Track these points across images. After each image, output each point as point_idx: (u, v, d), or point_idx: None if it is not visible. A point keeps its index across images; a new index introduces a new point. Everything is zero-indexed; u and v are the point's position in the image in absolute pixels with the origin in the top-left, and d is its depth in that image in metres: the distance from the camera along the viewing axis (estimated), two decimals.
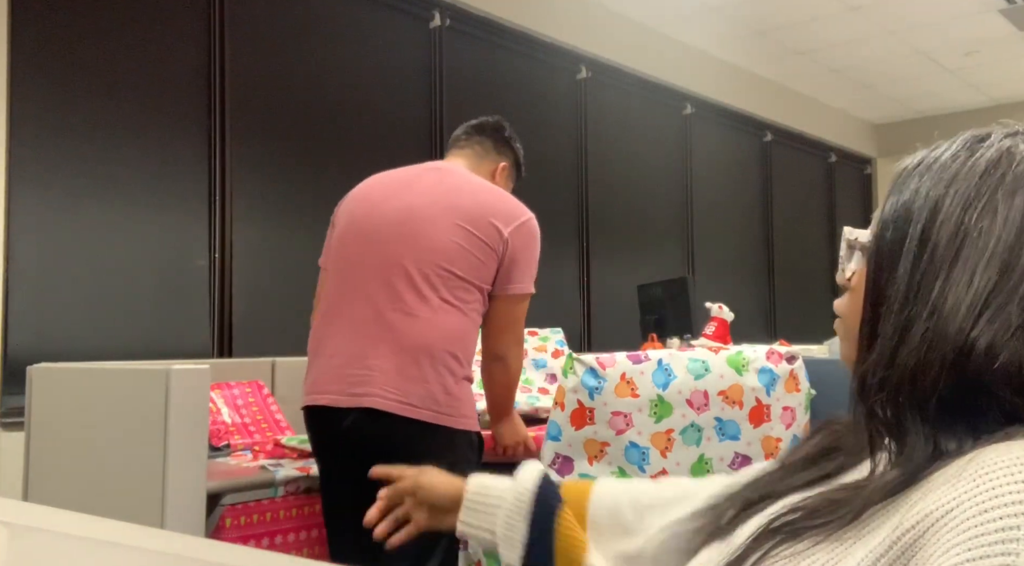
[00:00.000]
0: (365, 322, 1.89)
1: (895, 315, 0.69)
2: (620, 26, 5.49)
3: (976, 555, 0.55)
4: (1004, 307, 0.65)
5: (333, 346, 1.92)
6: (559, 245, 5.06)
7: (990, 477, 0.58)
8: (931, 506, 0.60)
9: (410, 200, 1.96)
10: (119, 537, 0.41)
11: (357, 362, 1.87)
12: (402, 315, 1.87)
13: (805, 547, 0.67)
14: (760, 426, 1.31)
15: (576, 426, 1.25)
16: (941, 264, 0.68)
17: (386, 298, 1.88)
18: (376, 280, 1.90)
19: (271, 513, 2.08)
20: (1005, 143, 0.71)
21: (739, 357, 1.31)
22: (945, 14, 5.54)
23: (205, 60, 3.58)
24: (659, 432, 1.26)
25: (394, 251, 1.90)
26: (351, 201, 2.07)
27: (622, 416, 1.24)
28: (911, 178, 0.73)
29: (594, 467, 1.26)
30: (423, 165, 2.12)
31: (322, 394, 1.92)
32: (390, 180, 2.06)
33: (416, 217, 1.92)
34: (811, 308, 7.02)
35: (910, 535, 0.60)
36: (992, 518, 0.56)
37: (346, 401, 1.87)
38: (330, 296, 1.99)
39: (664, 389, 1.26)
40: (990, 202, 0.68)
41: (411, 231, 1.91)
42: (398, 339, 1.86)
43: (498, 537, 1.04)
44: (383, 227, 1.94)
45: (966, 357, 0.65)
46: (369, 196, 2.03)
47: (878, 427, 0.70)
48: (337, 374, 1.90)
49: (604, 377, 1.23)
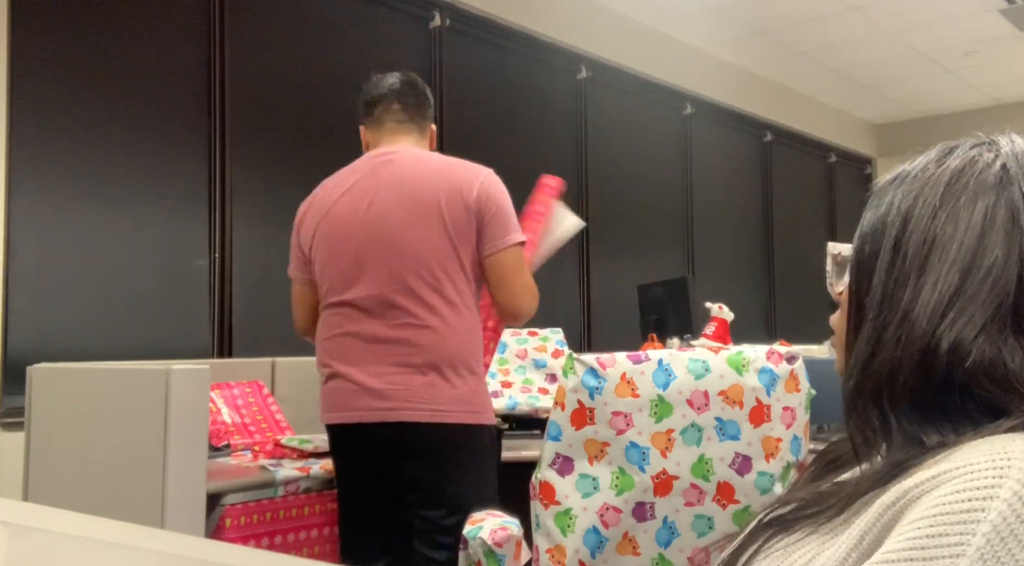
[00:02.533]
0: (381, 341, 1.93)
1: (871, 323, 0.73)
2: (620, 26, 5.49)
3: (936, 532, 0.57)
4: (967, 308, 0.68)
5: (352, 367, 1.96)
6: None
7: (970, 466, 0.60)
8: (911, 484, 0.63)
9: (382, 207, 1.95)
10: (119, 537, 0.41)
11: (381, 379, 1.92)
12: (416, 330, 1.92)
13: (797, 538, 0.70)
14: (760, 426, 1.32)
15: (576, 426, 1.25)
16: (911, 271, 0.72)
17: (396, 314, 1.92)
18: (380, 300, 1.93)
19: (271, 513, 2.08)
20: (970, 153, 0.75)
21: (739, 357, 1.32)
22: (945, 14, 5.54)
23: (205, 60, 3.58)
24: (659, 432, 1.26)
25: (393, 269, 1.93)
26: (318, 214, 2.04)
27: (622, 416, 1.25)
28: (887, 192, 0.77)
29: (594, 467, 1.26)
30: (374, 160, 2.05)
31: (350, 411, 1.96)
32: (352, 188, 2.02)
33: (399, 226, 1.94)
34: (811, 308, 7.02)
35: (891, 512, 0.63)
36: (961, 499, 0.58)
37: (375, 416, 1.92)
38: (334, 316, 2.00)
39: (664, 389, 1.26)
40: (954, 209, 0.71)
41: (401, 244, 1.93)
42: (420, 353, 1.91)
43: None
44: (370, 244, 1.95)
45: (932, 356, 0.68)
46: (338, 211, 2.00)
47: (864, 429, 0.73)
48: (362, 391, 1.94)
49: (604, 377, 1.24)
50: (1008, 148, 0.74)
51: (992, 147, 0.75)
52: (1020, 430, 0.64)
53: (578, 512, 1.25)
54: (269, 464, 2.24)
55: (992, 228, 0.70)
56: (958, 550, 0.56)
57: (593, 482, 1.25)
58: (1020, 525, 0.56)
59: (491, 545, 1.39)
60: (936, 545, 0.57)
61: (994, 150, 0.74)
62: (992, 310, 0.68)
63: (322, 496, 2.21)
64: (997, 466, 0.59)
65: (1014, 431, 0.64)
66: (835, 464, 0.83)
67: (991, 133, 0.77)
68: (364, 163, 2.07)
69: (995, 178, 0.72)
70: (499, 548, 1.41)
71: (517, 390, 2.90)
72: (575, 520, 1.25)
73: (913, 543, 0.58)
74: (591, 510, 1.25)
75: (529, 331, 3.09)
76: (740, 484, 1.30)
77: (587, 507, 1.25)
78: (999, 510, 0.57)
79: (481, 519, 1.45)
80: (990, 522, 0.56)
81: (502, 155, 4.81)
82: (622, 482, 1.25)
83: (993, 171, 0.72)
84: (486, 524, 1.41)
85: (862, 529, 0.64)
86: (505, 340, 3.05)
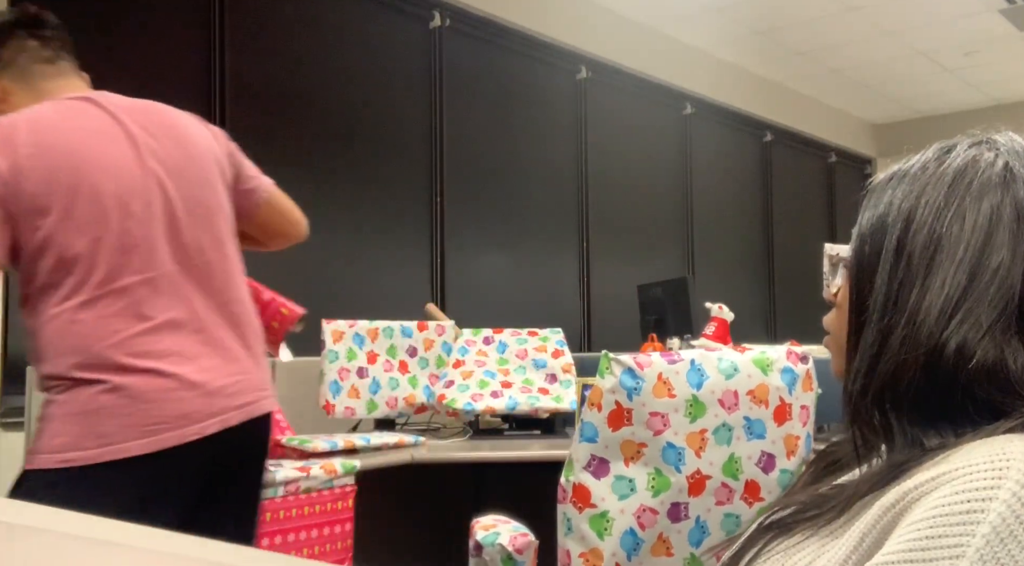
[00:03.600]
0: (212, 326, 1.58)
1: (875, 324, 0.72)
2: (620, 26, 5.49)
3: (935, 534, 0.57)
4: (974, 309, 0.67)
5: (188, 363, 1.52)
6: (559, 245, 5.06)
7: (969, 468, 0.60)
8: (910, 485, 0.62)
9: (147, 163, 1.56)
10: (119, 537, 0.41)
11: (231, 369, 1.58)
12: (240, 305, 1.64)
13: (797, 541, 0.70)
14: (783, 425, 1.34)
15: (613, 427, 1.24)
16: (917, 272, 0.71)
17: (215, 292, 1.60)
18: (190, 277, 1.57)
19: (271, 513, 2.08)
20: (971, 152, 0.74)
21: (764, 357, 1.34)
22: (945, 14, 5.54)
23: (205, 60, 3.58)
24: (693, 432, 1.27)
25: (191, 238, 1.58)
26: (55, 170, 1.47)
27: (660, 416, 1.24)
28: (884, 191, 0.76)
29: (630, 468, 1.26)
30: (87, 101, 1.60)
31: (209, 420, 1.53)
32: (84, 135, 1.53)
33: (183, 183, 1.60)
34: (811, 308, 7.01)
35: (891, 514, 0.62)
36: (960, 500, 0.58)
37: (239, 416, 1.57)
38: (136, 306, 1.50)
39: (698, 389, 1.27)
40: (959, 209, 0.71)
41: (189, 209, 1.58)
42: (253, 331, 1.67)
43: None
44: (157, 214, 1.55)
45: (938, 358, 0.67)
46: (81, 167, 1.50)
47: (865, 431, 0.72)
48: (214, 391, 1.54)
49: (642, 377, 1.23)
50: (1008, 146, 0.74)
51: (992, 145, 0.74)
52: (1019, 431, 0.64)
53: (615, 515, 1.24)
54: (269, 464, 2.24)
55: (998, 227, 0.69)
56: (957, 551, 0.56)
57: (629, 483, 1.25)
58: (1019, 526, 0.56)
59: (511, 551, 1.38)
60: (936, 546, 0.57)
61: (994, 149, 0.74)
62: (998, 311, 0.67)
63: (322, 496, 2.21)
64: (996, 467, 0.59)
65: (1013, 432, 0.64)
66: (834, 466, 0.83)
67: (986, 131, 0.77)
68: (77, 107, 1.60)
69: (999, 177, 0.71)
70: (519, 555, 1.40)
71: (517, 390, 2.90)
72: (612, 523, 1.24)
73: (913, 545, 0.58)
74: (628, 512, 1.24)
75: (529, 331, 3.09)
76: (765, 482, 1.32)
77: (624, 509, 1.24)
78: (998, 511, 0.57)
79: (492, 525, 1.43)
80: (989, 523, 0.56)
81: (502, 155, 4.81)
82: (658, 483, 1.25)
83: (996, 170, 0.72)
84: (501, 530, 1.40)
85: (862, 531, 0.64)
86: (505, 340, 3.05)
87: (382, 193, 4.17)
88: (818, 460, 0.86)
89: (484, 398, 2.86)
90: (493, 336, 3.07)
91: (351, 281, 4.00)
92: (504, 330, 3.10)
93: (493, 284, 4.61)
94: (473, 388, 2.89)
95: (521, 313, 4.53)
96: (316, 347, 3.02)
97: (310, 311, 2.14)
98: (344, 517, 2.27)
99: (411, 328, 3.09)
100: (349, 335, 3.00)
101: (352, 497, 2.30)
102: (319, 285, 3.85)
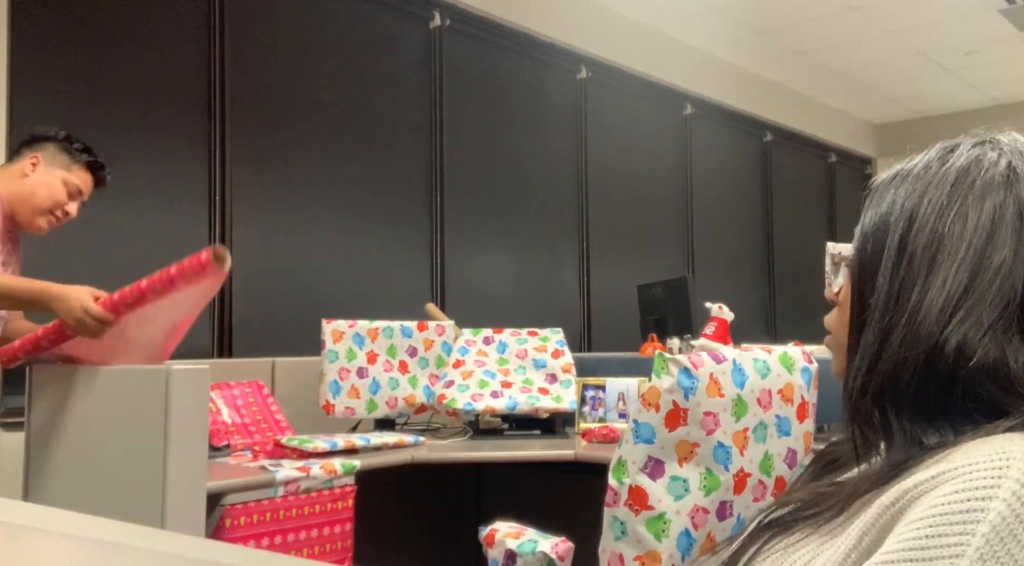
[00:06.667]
0: None
1: (876, 323, 0.72)
2: (620, 26, 5.49)
3: (935, 533, 0.57)
4: (975, 308, 0.67)
5: None
6: (559, 245, 5.06)
7: (969, 467, 0.60)
8: (910, 484, 0.62)
9: None
10: (119, 537, 0.41)
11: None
12: None
13: (796, 539, 0.70)
14: (803, 422, 1.37)
15: (670, 428, 1.24)
16: (919, 271, 0.71)
17: None
18: None
19: (271, 513, 2.08)
20: (974, 152, 0.74)
21: (787, 357, 1.37)
22: (945, 14, 5.54)
23: (205, 60, 3.58)
24: (738, 431, 1.28)
25: None
26: None
27: (712, 416, 1.25)
28: (888, 190, 0.76)
29: (683, 468, 1.26)
30: None
31: None
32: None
33: None
34: (811, 308, 7.02)
35: (890, 513, 0.62)
36: (960, 499, 0.58)
37: None
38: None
39: (741, 388, 1.28)
40: (961, 208, 0.71)
41: None
42: None
43: None
44: None
45: (938, 357, 0.67)
46: None
47: (864, 429, 0.72)
48: None
49: (697, 377, 1.24)
50: (1011, 146, 0.74)
51: (995, 145, 0.74)
52: (1019, 430, 0.64)
53: (671, 516, 1.24)
54: (269, 464, 2.24)
55: (1001, 227, 0.69)
56: (957, 550, 0.56)
57: (684, 484, 1.24)
58: (1019, 525, 0.56)
59: (553, 558, 1.37)
60: (935, 545, 0.57)
61: (997, 148, 0.74)
62: (999, 310, 0.67)
63: (322, 496, 2.21)
64: (996, 466, 0.59)
65: (1013, 431, 0.64)
66: (834, 465, 0.83)
67: (990, 131, 0.77)
68: None
69: (1002, 176, 0.71)
70: (561, 562, 1.39)
71: (517, 390, 2.90)
72: (669, 524, 1.23)
73: (912, 543, 0.58)
74: (683, 513, 1.24)
75: (529, 331, 3.09)
76: (789, 477, 1.35)
77: (679, 510, 1.24)
78: (998, 510, 0.57)
79: (518, 532, 1.42)
80: (989, 522, 0.56)
81: (502, 155, 4.81)
82: (709, 482, 1.25)
83: (999, 169, 0.72)
84: (538, 537, 1.39)
85: (861, 529, 0.64)
86: (505, 340, 3.05)
87: (382, 193, 4.17)
88: (818, 459, 0.86)
89: (484, 398, 2.86)
90: (493, 336, 3.07)
91: (351, 281, 4.00)
92: (504, 330, 3.10)
93: (493, 284, 4.61)
94: (473, 388, 2.90)
95: (521, 313, 4.53)
96: (316, 347, 3.03)
97: (310, 311, 2.13)
98: (344, 517, 2.27)
99: (411, 328, 3.09)
100: (349, 335, 3.00)
101: (352, 497, 2.30)
102: (319, 285, 3.85)
